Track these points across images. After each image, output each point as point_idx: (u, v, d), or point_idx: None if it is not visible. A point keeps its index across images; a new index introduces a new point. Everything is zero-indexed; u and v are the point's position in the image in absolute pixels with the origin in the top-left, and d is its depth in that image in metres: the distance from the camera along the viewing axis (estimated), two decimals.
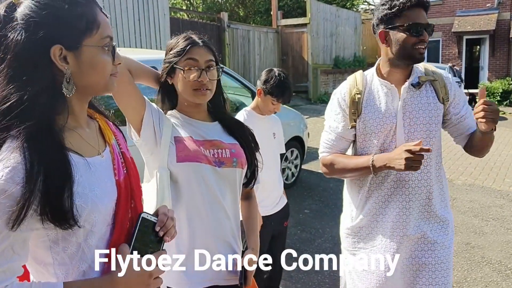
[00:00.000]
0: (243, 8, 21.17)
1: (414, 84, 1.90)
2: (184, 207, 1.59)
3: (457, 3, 19.01)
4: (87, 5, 1.05)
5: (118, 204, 1.12)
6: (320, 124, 11.07)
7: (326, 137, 2.03)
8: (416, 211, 1.93)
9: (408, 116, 1.89)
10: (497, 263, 4.05)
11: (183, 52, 1.59)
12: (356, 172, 1.94)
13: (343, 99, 1.97)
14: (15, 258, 0.96)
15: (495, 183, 6.58)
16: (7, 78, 0.98)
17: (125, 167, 1.19)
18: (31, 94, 0.97)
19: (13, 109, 0.96)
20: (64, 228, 0.98)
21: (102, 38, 1.06)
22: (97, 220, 1.06)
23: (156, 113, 1.60)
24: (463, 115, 1.97)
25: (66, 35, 1.01)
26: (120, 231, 1.12)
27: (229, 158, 1.64)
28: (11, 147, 0.94)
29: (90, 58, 1.04)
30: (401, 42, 1.82)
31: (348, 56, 17.67)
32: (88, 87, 1.08)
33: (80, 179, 1.02)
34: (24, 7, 1.00)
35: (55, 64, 1.00)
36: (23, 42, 0.97)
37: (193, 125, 1.65)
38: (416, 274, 1.94)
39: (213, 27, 12.78)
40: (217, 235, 1.64)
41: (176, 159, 1.55)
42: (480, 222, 5.06)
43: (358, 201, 2.01)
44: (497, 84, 16.73)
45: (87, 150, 1.09)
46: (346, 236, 2.09)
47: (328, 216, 5.13)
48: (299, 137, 5.91)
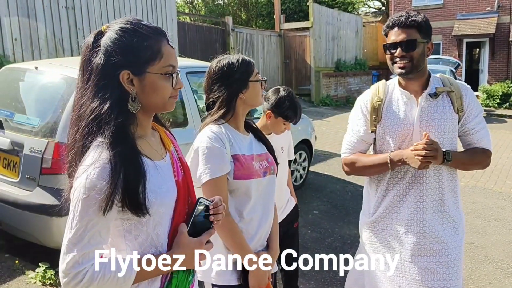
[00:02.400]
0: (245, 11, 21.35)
1: (432, 94, 2.08)
2: (234, 210, 1.84)
3: (457, 7, 19.19)
4: (154, 38, 1.25)
5: (178, 200, 1.32)
6: (324, 127, 11.18)
7: (349, 139, 2.24)
8: (430, 210, 2.09)
9: (425, 124, 2.07)
10: (500, 261, 4.22)
11: (253, 67, 1.89)
12: (375, 169, 2.14)
13: (365, 106, 2.18)
14: (101, 242, 1.19)
15: (496, 185, 6.76)
16: (93, 94, 1.22)
17: (182, 170, 1.40)
18: (110, 107, 1.19)
19: (98, 118, 1.19)
20: (138, 216, 1.20)
21: (164, 66, 1.25)
22: (164, 213, 1.28)
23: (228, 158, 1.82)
24: (470, 129, 2.13)
25: (134, 63, 1.22)
26: (177, 222, 1.33)
27: (268, 167, 1.90)
28: (99, 149, 1.17)
29: (151, 83, 1.24)
30: (387, 60, 2.11)
31: (349, 59, 17.84)
32: (150, 106, 1.28)
33: (150, 178, 1.23)
34: (107, 36, 1.24)
35: (123, 85, 1.22)
36: (101, 65, 1.21)
37: (241, 140, 1.88)
38: (430, 272, 2.08)
39: (218, 31, 12.98)
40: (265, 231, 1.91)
41: (234, 177, 1.79)
42: (482, 222, 5.23)
43: (376, 199, 2.20)
44: (497, 87, 16.89)
45: (154, 155, 1.31)
46: (364, 231, 2.27)
47: (336, 216, 5.31)
48: (307, 140, 6.09)
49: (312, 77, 15.33)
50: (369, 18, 23.63)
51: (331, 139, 9.58)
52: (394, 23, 2.06)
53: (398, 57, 2.03)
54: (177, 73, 1.30)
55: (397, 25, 2.04)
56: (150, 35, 1.24)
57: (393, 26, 2.06)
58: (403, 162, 2.01)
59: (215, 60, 1.91)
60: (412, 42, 2.01)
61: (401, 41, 2.02)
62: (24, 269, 3.62)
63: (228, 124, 1.86)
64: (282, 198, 2.81)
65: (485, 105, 15.89)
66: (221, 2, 22.09)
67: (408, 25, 2.02)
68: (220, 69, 1.85)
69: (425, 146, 1.92)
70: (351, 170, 2.24)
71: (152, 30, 1.25)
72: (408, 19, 2.03)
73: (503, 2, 18.31)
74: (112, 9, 8.35)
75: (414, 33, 2.02)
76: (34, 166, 3.36)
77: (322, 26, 15.79)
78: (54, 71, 3.85)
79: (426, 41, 2.06)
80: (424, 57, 2.07)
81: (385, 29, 2.12)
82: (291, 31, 15.83)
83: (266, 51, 14.78)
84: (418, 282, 2.09)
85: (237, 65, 1.84)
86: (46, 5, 7.35)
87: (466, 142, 2.18)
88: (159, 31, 1.27)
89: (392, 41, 2.05)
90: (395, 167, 2.07)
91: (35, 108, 3.80)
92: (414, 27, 2.02)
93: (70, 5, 7.73)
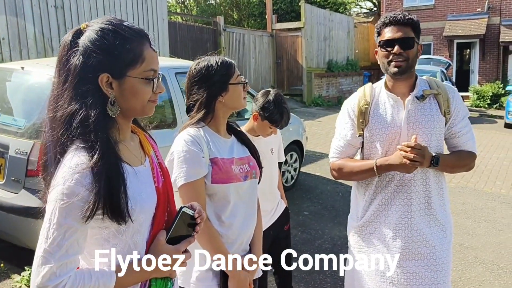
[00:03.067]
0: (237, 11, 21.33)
1: (419, 97, 2.06)
2: (213, 214, 1.81)
3: (448, 8, 19.32)
4: (137, 40, 1.20)
5: (157, 207, 1.28)
6: (315, 127, 11.18)
7: (336, 144, 2.22)
8: (417, 214, 2.08)
9: (412, 127, 2.05)
10: (489, 263, 4.23)
11: (234, 70, 1.84)
12: (362, 175, 2.12)
13: (352, 109, 2.16)
14: (79, 252, 1.13)
15: (486, 186, 6.79)
16: (69, 96, 1.16)
17: (162, 176, 1.35)
18: (88, 111, 1.14)
19: (77, 122, 1.14)
20: (119, 223, 1.15)
21: (145, 70, 1.21)
22: (143, 220, 1.23)
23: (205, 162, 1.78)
24: (457, 132, 2.12)
25: (114, 66, 1.17)
26: (157, 231, 1.28)
27: (249, 171, 1.85)
28: (78, 153, 1.12)
29: (131, 87, 1.20)
30: (380, 58, 2.06)
31: (341, 60, 17.88)
32: (129, 110, 1.23)
33: (130, 185, 1.18)
34: (86, 36, 1.18)
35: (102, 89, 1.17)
36: (80, 67, 1.15)
37: (222, 144, 1.84)
38: (419, 277, 2.07)
39: (209, 31, 12.93)
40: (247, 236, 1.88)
41: (212, 181, 1.75)
42: (472, 223, 5.25)
43: (364, 202, 2.18)
44: (487, 87, 17.02)
45: (133, 160, 1.26)
46: (352, 235, 2.24)
47: (326, 217, 5.29)
48: (298, 141, 6.07)
49: (304, 77, 15.33)
50: (361, 18, 23.70)
51: (323, 140, 9.58)
52: (390, 20, 2.02)
53: (396, 54, 1.98)
54: (158, 77, 1.25)
55: (394, 22, 2.01)
56: (132, 37, 1.19)
57: (389, 23, 2.02)
58: (389, 167, 1.99)
59: (195, 62, 1.88)
60: (410, 40, 1.99)
61: (399, 38, 1.99)
62: (10, 273, 3.56)
63: (208, 127, 1.83)
64: (272, 201, 2.77)
65: (475, 105, 16.01)
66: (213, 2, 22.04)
67: (405, 23, 2.00)
68: (199, 71, 1.82)
69: (412, 150, 1.90)
70: (339, 175, 2.22)
71: (134, 32, 1.20)
72: (405, 17, 2.01)
73: (493, 3, 18.46)
74: (102, 8, 8.27)
75: (410, 32, 2.00)
76: (19, 168, 3.31)
77: (313, 27, 15.80)
78: (41, 72, 3.79)
79: (418, 42, 2.04)
80: (416, 58, 2.05)
81: (379, 26, 2.07)
82: (283, 31, 15.83)
83: (258, 51, 14.76)
84: (406, 286, 2.07)
85: (216, 67, 1.80)
86: (35, 4, 7.25)
87: (451, 145, 2.17)
88: (142, 33, 1.23)
89: (389, 38, 2.00)
90: (382, 173, 2.05)
91: (21, 109, 3.74)
92: (410, 25, 2.01)
93: (59, 4, 7.64)
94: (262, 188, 2.57)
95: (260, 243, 1.96)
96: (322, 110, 14.20)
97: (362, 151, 2.19)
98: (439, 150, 2.10)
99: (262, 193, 2.59)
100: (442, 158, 2.00)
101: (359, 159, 2.22)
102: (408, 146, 1.92)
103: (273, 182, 2.74)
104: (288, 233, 2.94)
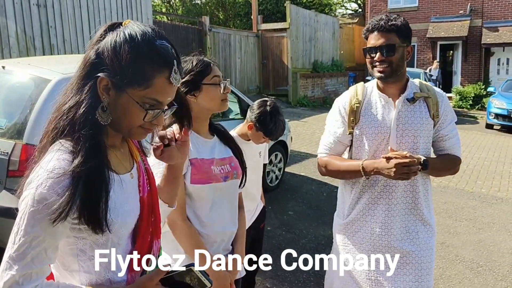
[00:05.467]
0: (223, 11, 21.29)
1: (409, 99, 2.10)
2: (193, 214, 1.81)
3: (431, 10, 19.57)
4: (155, 64, 1.09)
5: (141, 219, 1.21)
6: (300, 128, 11.24)
7: (326, 140, 2.24)
8: (403, 213, 2.11)
9: (401, 128, 2.09)
10: (469, 261, 4.31)
11: (209, 70, 1.82)
12: (349, 174, 2.15)
13: (344, 107, 2.18)
14: (46, 261, 1.05)
15: (467, 185, 6.90)
16: (76, 87, 1.11)
17: (148, 184, 1.28)
18: (86, 109, 1.08)
19: (73, 117, 1.09)
20: (96, 233, 1.07)
21: (146, 97, 1.10)
22: (123, 234, 1.16)
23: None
24: (444, 135, 2.15)
25: (119, 76, 1.08)
26: (141, 243, 1.21)
27: (230, 171, 1.86)
28: (59, 154, 1.05)
29: (125, 104, 1.10)
30: (367, 63, 2.11)
31: (326, 60, 17.97)
32: (116, 124, 1.14)
33: (113, 194, 1.11)
34: (113, 34, 1.11)
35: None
36: (91, 60, 1.10)
37: (202, 144, 1.84)
38: (403, 273, 2.10)
39: (195, 31, 12.89)
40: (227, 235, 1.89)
41: (190, 181, 1.76)
42: (454, 222, 5.34)
43: (350, 201, 2.20)
44: (469, 88, 17.28)
45: (120, 168, 1.19)
46: (337, 233, 2.27)
47: (311, 217, 5.33)
48: (282, 141, 6.10)
49: (289, 78, 15.38)
50: (346, 19, 23.85)
51: (308, 140, 9.63)
52: (374, 26, 2.05)
53: (378, 61, 2.03)
54: (160, 111, 1.14)
55: (377, 29, 2.04)
56: (152, 58, 1.09)
57: (373, 30, 2.05)
58: (376, 172, 2.01)
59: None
60: (391, 47, 2.01)
61: (381, 45, 2.02)
62: None
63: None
64: (255, 201, 2.80)
65: (458, 106, 16.24)
66: (199, 1, 21.97)
67: (388, 29, 2.02)
68: None
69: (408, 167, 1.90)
70: (326, 171, 2.24)
71: (158, 54, 1.09)
72: (388, 23, 2.02)
73: (475, 6, 18.75)
74: (85, 6, 8.18)
75: (394, 38, 2.02)
76: (0, 169, 3.27)
77: (299, 27, 15.86)
78: (23, 71, 3.74)
79: (405, 45, 2.05)
80: (404, 61, 2.07)
81: (365, 32, 2.11)
82: (269, 31, 15.85)
83: (243, 52, 14.76)
84: (390, 283, 2.10)
85: (191, 66, 1.81)
86: (17, 2, 7.15)
87: (438, 148, 2.20)
88: (167, 60, 1.11)
89: (372, 45, 2.04)
90: (368, 175, 2.07)
91: (2, 108, 3.69)
92: (394, 31, 2.02)
93: (42, 3, 7.55)
94: (247, 189, 2.54)
95: (242, 243, 1.97)
96: (308, 111, 14.27)
97: (351, 150, 2.21)
98: (427, 152, 2.13)
99: (247, 194, 2.58)
100: (431, 162, 2.03)
101: (347, 156, 2.24)
102: (403, 164, 1.90)
103: (258, 184, 2.77)
104: (262, 232, 2.98)
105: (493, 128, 12.91)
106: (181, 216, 1.74)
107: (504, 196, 6.42)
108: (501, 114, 12.42)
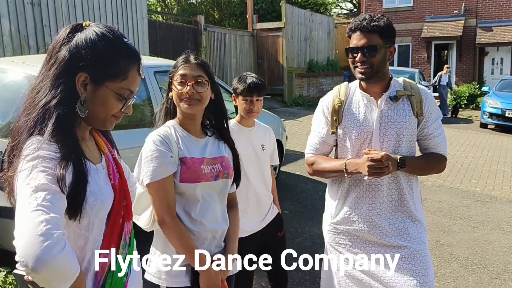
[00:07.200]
0: (218, 10, 21.27)
1: (392, 98, 2.09)
2: (183, 212, 1.82)
3: (426, 10, 19.64)
4: (128, 59, 1.26)
5: (114, 203, 1.32)
6: (296, 127, 11.23)
7: (312, 141, 2.26)
8: (389, 210, 2.11)
9: (384, 127, 2.08)
10: (464, 259, 4.33)
11: (176, 69, 1.85)
12: (333, 174, 2.17)
13: (327, 107, 2.19)
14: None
15: (462, 184, 6.93)
16: (51, 84, 1.20)
17: (118, 172, 1.39)
18: (61, 102, 1.18)
19: (49, 109, 1.17)
20: (70, 218, 1.16)
21: (123, 88, 1.26)
22: (103, 216, 1.27)
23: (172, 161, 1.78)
24: (429, 134, 2.14)
25: (96, 71, 1.21)
26: (112, 226, 1.32)
27: (221, 171, 1.86)
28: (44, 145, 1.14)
29: (103, 96, 1.24)
30: (349, 63, 2.11)
31: (321, 60, 18.00)
32: (91, 117, 1.26)
33: (92, 181, 1.23)
34: (84, 33, 1.23)
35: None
36: (67, 59, 1.20)
37: (193, 143, 1.85)
38: (397, 268, 2.07)
39: (190, 30, 12.86)
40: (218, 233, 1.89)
41: (180, 179, 1.77)
42: (448, 221, 5.36)
43: (337, 200, 2.21)
44: (464, 88, 17.35)
45: (94, 158, 1.31)
46: (327, 232, 2.27)
47: (306, 216, 5.33)
48: (278, 140, 6.09)
49: (284, 77, 15.39)
50: (341, 19, 23.91)
51: (303, 139, 9.63)
52: (356, 26, 2.03)
53: (359, 62, 2.02)
54: (132, 99, 1.30)
55: (359, 29, 2.02)
56: (125, 54, 1.25)
57: (355, 30, 2.04)
58: (358, 172, 2.02)
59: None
60: (373, 48, 2.00)
61: (362, 46, 2.00)
62: None
63: (180, 126, 1.87)
64: (266, 203, 2.67)
65: (452, 106, 16.28)
66: (194, 1, 21.93)
67: (370, 30, 2.00)
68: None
69: (377, 164, 1.91)
70: (312, 172, 2.25)
71: (129, 50, 1.26)
72: (370, 24, 2.00)
73: (469, 6, 18.84)
74: (80, 5, 8.13)
75: (376, 38, 2.00)
76: None
77: (294, 27, 15.88)
78: (16, 70, 3.73)
79: (388, 46, 2.04)
80: (386, 62, 2.06)
81: (348, 31, 2.10)
82: (264, 31, 15.86)
83: (239, 51, 14.75)
84: (385, 280, 2.08)
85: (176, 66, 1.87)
86: (10, 0, 7.11)
87: (423, 147, 2.19)
88: (136, 55, 1.28)
89: (354, 45, 2.03)
90: (350, 175, 2.07)
91: None
92: (376, 32, 2.00)
93: (36, 1, 7.50)
94: (251, 187, 2.54)
95: (235, 241, 1.96)
96: (303, 110, 14.28)
97: (336, 149, 2.22)
98: (411, 151, 2.12)
99: (250, 193, 2.55)
100: (409, 161, 2.03)
101: (334, 156, 2.25)
102: (374, 159, 1.91)
103: (266, 181, 2.66)
104: (282, 240, 2.80)
105: (487, 127, 12.96)
106: (170, 214, 1.75)
107: (498, 195, 6.46)
108: (496, 113, 12.49)
